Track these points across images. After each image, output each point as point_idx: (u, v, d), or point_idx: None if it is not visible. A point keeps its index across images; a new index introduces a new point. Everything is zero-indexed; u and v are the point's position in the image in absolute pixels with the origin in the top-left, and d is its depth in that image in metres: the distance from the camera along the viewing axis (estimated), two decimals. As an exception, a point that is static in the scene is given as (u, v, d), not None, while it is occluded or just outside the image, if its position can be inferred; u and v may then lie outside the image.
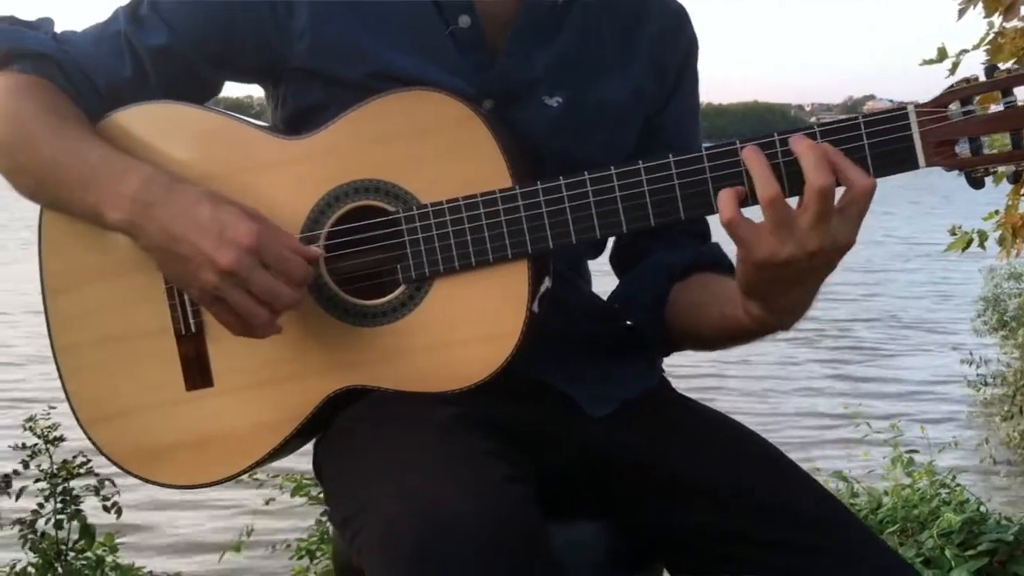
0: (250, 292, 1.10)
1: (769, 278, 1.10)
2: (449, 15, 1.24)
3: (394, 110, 1.18)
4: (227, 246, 1.09)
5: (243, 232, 1.10)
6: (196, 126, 1.23)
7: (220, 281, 1.10)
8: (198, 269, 1.10)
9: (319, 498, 3.23)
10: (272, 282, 1.11)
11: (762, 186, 1.07)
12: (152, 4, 1.24)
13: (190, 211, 1.12)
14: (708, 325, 1.26)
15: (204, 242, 1.10)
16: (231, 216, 1.11)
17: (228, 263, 1.09)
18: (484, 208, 1.17)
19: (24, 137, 1.19)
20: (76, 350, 1.25)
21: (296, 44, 1.23)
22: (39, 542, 2.77)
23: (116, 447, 1.25)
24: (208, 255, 1.09)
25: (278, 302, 1.12)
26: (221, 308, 1.13)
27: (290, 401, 1.21)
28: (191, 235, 1.10)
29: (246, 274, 1.09)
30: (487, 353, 1.16)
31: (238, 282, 1.10)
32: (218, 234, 1.10)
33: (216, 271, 1.09)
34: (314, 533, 3.29)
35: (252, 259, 1.10)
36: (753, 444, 1.28)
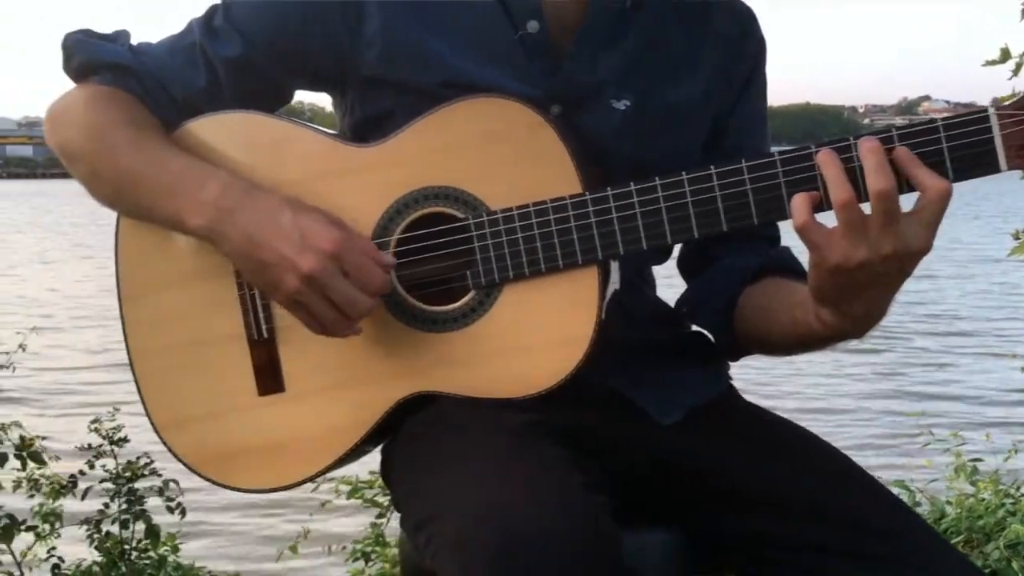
0: (329, 298, 1.12)
1: (842, 283, 1.08)
2: (518, 20, 1.24)
3: (463, 117, 1.19)
4: (309, 251, 1.11)
5: (325, 238, 1.12)
6: (268, 135, 1.25)
7: (302, 285, 1.12)
8: (281, 274, 1.12)
9: (374, 501, 3.26)
10: (351, 290, 1.13)
11: (835, 189, 1.05)
12: (226, 15, 1.27)
13: (272, 217, 1.14)
14: (779, 330, 1.24)
15: (286, 247, 1.12)
16: (313, 222, 1.13)
17: (310, 268, 1.11)
18: (554, 214, 1.17)
19: (104, 146, 1.22)
20: (151, 355, 1.27)
21: (366, 52, 1.24)
22: (104, 541, 2.82)
23: (189, 451, 1.27)
24: (291, 260, 1.11)
25: (354, 309, 1.13)
26: (301, 311, 1.15)
27: (361, 406, 1.22)
28: (273, 240, 1.12)
29: (326, 280, 1.11)
30: (557, 360, 1.16)
31: (318, 287, 1.12)
32: (300, 239, 1.12)
33: (298, 276, 1.11)
34: (369, 535, 3.32)
35: (333, 265, 1.12)
36: (823, 453, 1.27)
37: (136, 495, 2.79)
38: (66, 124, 1.26)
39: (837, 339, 1.18)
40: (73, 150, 1.25)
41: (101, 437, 2.92)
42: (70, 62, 1.28)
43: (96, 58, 1.26)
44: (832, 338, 1.18)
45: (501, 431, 1.09)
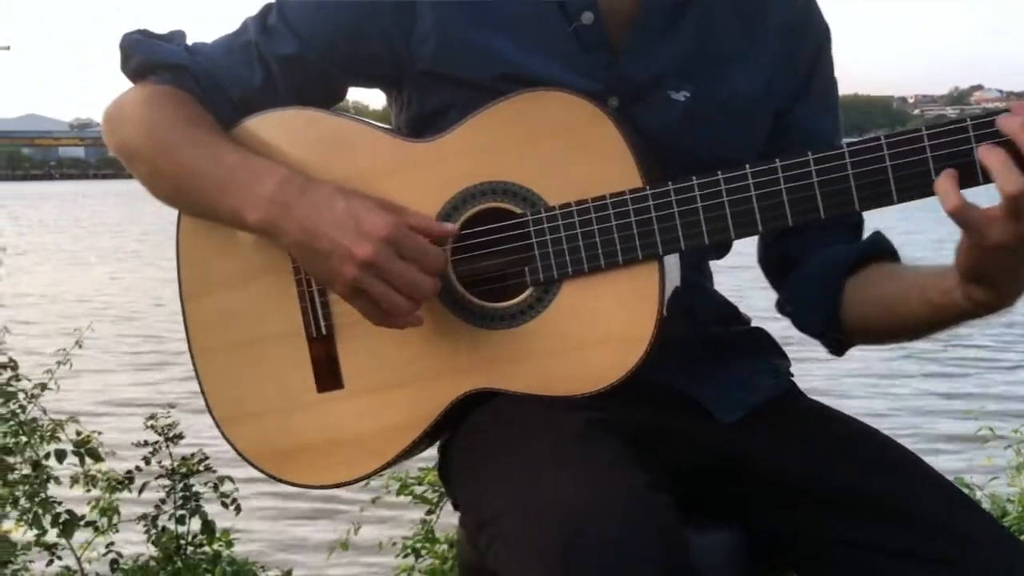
0: (389, 282, 1.12)
1: (1003, 261, 1.05)
2: (572, 12, 1.22)
3: (520, 111, 1.18)
4: (364, 238, 1.11)
5: (379, 224, 1.11)
6: (325, 131, 1.25)
7: (360, 273, 1.11)
8: (339, 263, 1.12)
9: (424, 497, 3.27)
10: (410, 271, 1.12)
11: (1005, 181, 1.01)
12: (280, 14, 1.27)
13: (326, 207, 1.13)
14: (905, 317, 1.20)
15: (342, 236, 1.11)
16: (366, 209, 1.13)
17: (366, 255, 1.11)
18: (613, 209, 1.15)
19: (162, 145, 1.23)
20: (212, 353, 1.28)
21: (421, 47, 1.23)
22: (160, 536, 2.86)
23: (250, 447, 1.28)
24: (347, 248, 1.11)
25: (417, 291, 1.13)
26: (363, 300, 1.14)
27: (419, 403, 1.22)
28: (329, 230, 1.12)
29: (384, 264, 1.11)
30: (618, 356, 1.15)
31: (377, 273, 1.11)
32: (354, 227, 1.11)
33: (356, 263, 1.11)
34: (419, 532, 3.33)
35: (389, 250, 1.11)
36: (888, 450, 1.24)
37: (191, 491, 2.83)
38: (124, 124, 1.27)
39: (985, 314, 1.14)
40: (132, 149, 1.26)
41: (157, 433, 2.97)
42: (128, 62, 1.29)
43: (153, 58, 1.27)
44: (980, 314, 1.14)
45: (564, 429, 1.08)
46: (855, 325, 1.27)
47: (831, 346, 1.33)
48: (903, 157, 1.07)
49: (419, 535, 3.33)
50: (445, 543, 3.21)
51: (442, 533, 3.23)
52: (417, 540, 3.33)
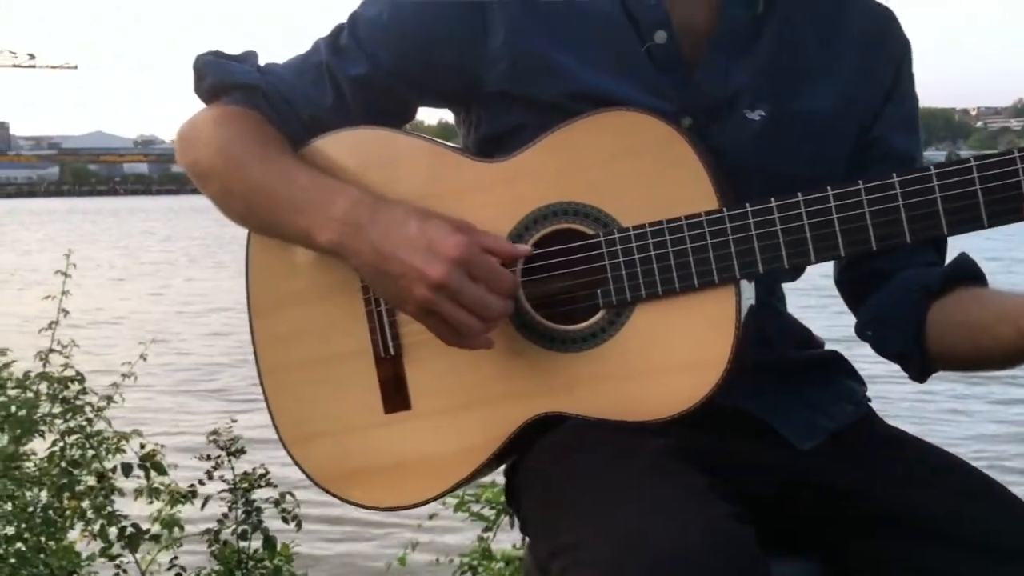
0: (461, 303, 1.11)
1: None
2: (645, 31, 1.21)
3: (593, 131, 1.17)
4: (436, 260, 1.10)
5: (451, 245, 1.11)
6: (396, 150, 1.25)
7: (432, 294, 1.11)
8: (411, 285, 1.11)
9: (481, 514, 3.25)
10: (481, 293, 1.11)
11: None
12: (352, 34, 1.27)
13: (398, 228, 1.13)
14: (992, 343, 1.15)
15: (414, 257, 1.11)
16: (438, 230, 1.12)
17: (438, 276, 1.10)
18: (689, 231, 1.13)
19: (234, 164, 1.24)
20: (280, 371, 1.28)
21: (492, 68, 1.22)
22: (223, 550, 2.88)
23: (316, 466, 1.27)
24: (419, 270, 1.11)
25: (488, 312, 1.12)
26: (435, 321, 1.14)
27: (487, 426, 1.20)
28: (401, 252, 1.12)
29: (456, 286, 1.10)
30: (692, 382, 1.12)
31: (449, 294, 1.11)
32: (426, 248, 1.11)
33: (427, 285, 1.10)
34: (476, 549, 3.32)
35: (460, 271, 1.10)
36: (974, 479, 1.19)
37: (253, 505, 2.84)
38: (197, 144, 1.28)
39: None
40: (204, 169, 1.27)
41: (219, 448, 2.99)
42: (201, 83, 1.30)
43: (226, 79, 1.28)
44: None
45: (640, 456, 1.05)
46: (938, 351, 1.23)
47: (913, 371, 1.28)
48: (995, 180, 1.03)
49: (476, 552, 3.32)
50: (501, 560, 3.19)
51: (499, 551, 3.21)
52: (474, 557, 3.32)
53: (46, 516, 2.86)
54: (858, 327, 1.31)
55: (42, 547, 2.83)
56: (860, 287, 1.31)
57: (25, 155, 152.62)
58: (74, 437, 3.00)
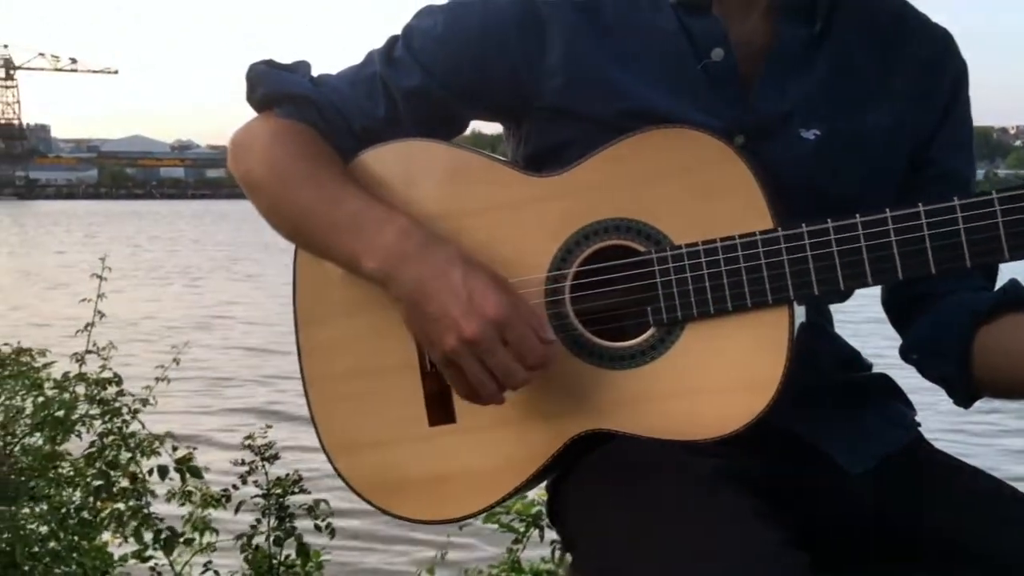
0: (485, 364, 1.10)
1: None
2: (701, 48, 1.20)
3: (647, 148, 1.16)
4: (473, 315, 1.09)
5: (491, 304, 1.10)
6: (446, 163, 1.24)
7: (460, 347, 1.10)
8: (443, 331, 1.10)
9: (510, 526, 3.24)
10: (508, 361, 1.10)
11: None
12: (407, 46, 1.27)
13: (443, 271, 1.12)
14: None
15: (453, 307, 1.10)
16: (482, 284, 1.11)
17: (472, 333, 1.09)
18: (742, 251, 1.12)
19: (284, 182, 1.23)
20: (325, 381, 1.28)
21: (547, 82, 1.22)
22: (256, 555, 2.89)
23: (359, 478, 1.27)
24: (455, 320, 1.10)
25: (510, 380, 1.11)
26: (454, 372, 1.13)
27: (532, 442, 1.20)
28: (441, 296, 1.11)
29: (486, 346, 1.09)
30: (743, 403, 1.11)
31: (476, 353, 1.10)
32: (467, 301, 1.10)
33: (459, 337, 1.09)
34: (505, 561, 3.31)
35: (495, 333, 1.09)
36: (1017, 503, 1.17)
37: (287, 512, 2.85)
38: (250, 154, 1.28)
39: None
40: (254, 182, 1.27)
41: (253, 453, 3.01)
42: (254, 93, 1.30)
43: (279, 90, 1.28)
44: None
45: (690, 477, 1.04)
46: (985, 376, 1.21)
47: (958, 396, 1.26)
48: None
49: (505, 565, 3.31)
50: (530, 573, 3.18)
51: (528, 563, 3.20)
52: (503, 570, 3.30)
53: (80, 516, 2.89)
54: (903, 349, 1.29)
55: (75, 547, 2.85)
56: (908, 309, 1.29)
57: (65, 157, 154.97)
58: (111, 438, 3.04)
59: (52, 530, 2.83)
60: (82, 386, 3.13)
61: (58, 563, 2.80)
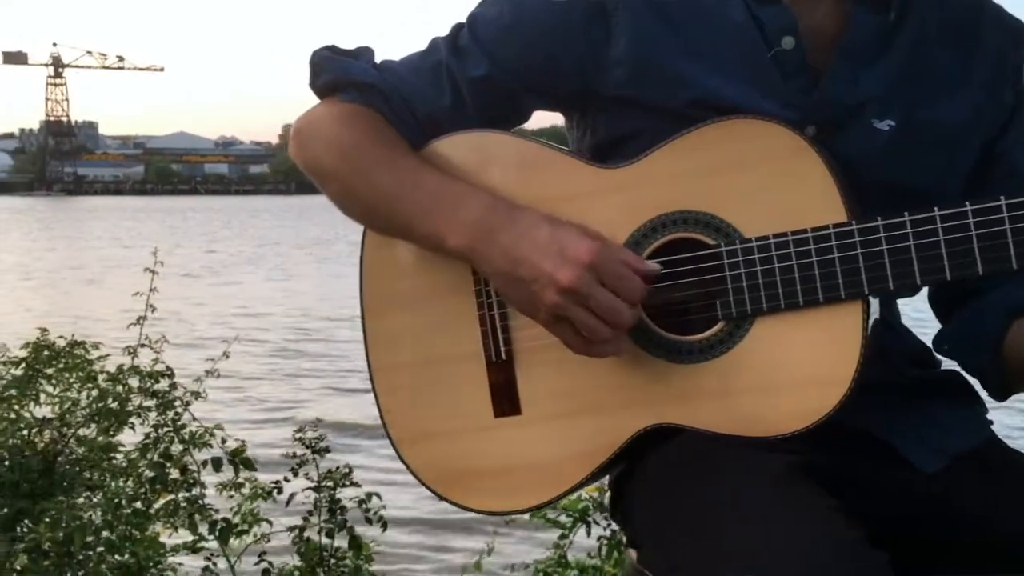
0: (591, 309, 1.09)
1: None
2: (772, 37, 1.18)
3: (717, 139, 1.15)
4: (567, 264, 1.09)
5: (583, 250, 1.09)
6: (513, 154, 1.24)
7: (562, 299, 1.09)
8: (541, 290, 1.10)
9: (556, 521, 3.24)
10: (611, 299, 1.09)
11: None
12: (472, 35, 1.26)
13: (530, 233, 1.12)
14: None
15: (545, 262, 1.10)
16: (570, 235, 1.11)
17: (568, 281, 1.08)
18: (815, 244, 1.10)
19: (357, 167, 1.23)
20: (391, 371, 1.29)
21: (613, 72, 1.21)
22: (307, 546, 2.91)
23: (424, 468, 1.27)
24: (549, 274, 1.09)
25: (617, 319, 1.10)
26: (564, 327, 1.12)
27: (599, 435, 1.19)
28: (532, 256, 1.11)
29: (586, 291, 1.09)
30: (814, 399, 1.09)
31: (579, 300, 1.09)
32: (558, 253, 1.10)
33: (558, 290, 1.09)
34: (551, 556, 3.30)
35: (591, 276, 1.09)
36: None
37: (338, 504, 2.87)
38: (316, 141, 1.27)
39: None
40: (323, 169, 1.26)
41: (304, 446, 3.03)
42: (317, 79, 1.29)
43: (343, 76, 1.27)
44: None
45: (764, 473, 1.03)
46: (1018, 369, 1.19)
47: (991, 389, 1.25)
48: None
49: (551, 560, 3.30)
50: (576, 569, 3.18)
51: (574, 559, 3.20)
52: (549, 565, 3.30)
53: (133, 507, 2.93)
54: (936, 340, 1.29)
55: (128, 537, 2.89)
56: (952, 303, 1.28)
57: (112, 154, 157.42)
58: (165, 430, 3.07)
59: (107, 520, 2.87)
60: (136, 379, 3.18)
61: (112, 552, 2.84)
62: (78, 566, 2.73)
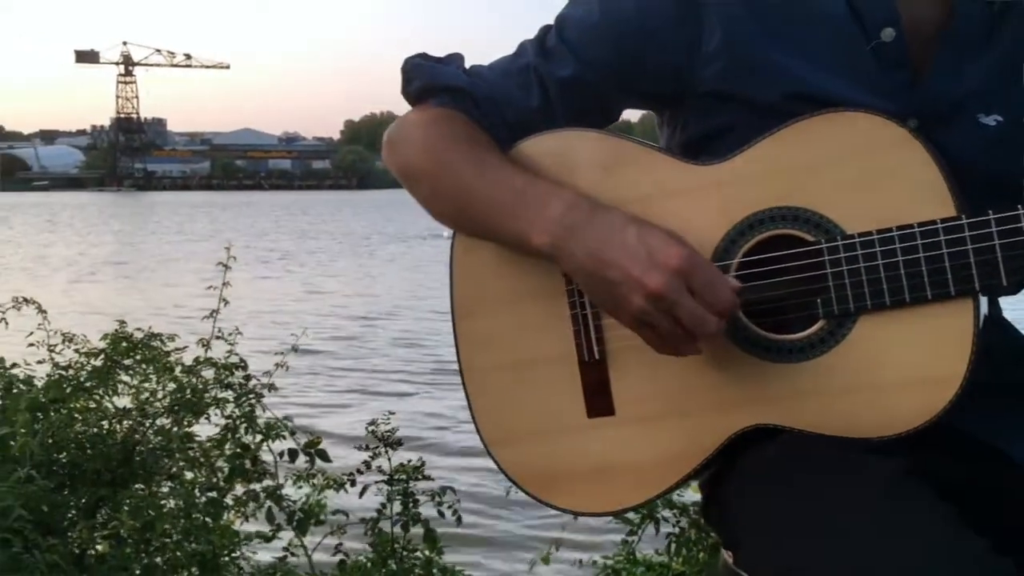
0: (676, 316, 1.08)
1: None
2: (871, 28, 1.15)
3: (815, 134, 1.12)
4: (656, 270, 1.07)
5: (672, 255, 1.08)
6: (605, 152, 1.22)
7: (648, 304, 1.08)
8: (628, 293, 1.09)
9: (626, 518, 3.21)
10: (698, 309, 1.08)
11: None
12: (560, 36, 1.25)
13: (617, 235, 1.11)
14: None
15: (633, 266, 1.08)
16: (658, 239, 1.09)
17: (657, 287, 1.07)
18: (922, 239, 1.07)
19: (445, 167, 1.23)
20: (482, 372, 1.28)
21: (706, 67, 1.19)
22: (379, 538, 2.93)
23: (517, 468, 1.27)
24: (637, 279, 1.08)
25: (702, 329, 1.08)
26: (647, 330, 1.11)
27: (695, 435, 1.17)
28: (620, 259, 1.09)
29: (673, 298, 1.07)
30: (922, 399, 1.06)
31: (665, 306, 1.08)
32: (646, 257, 1.08)
33: (645, 295, 1.08)
34: (619, 553, 3.28)
35: (680, 283, 1.07)
36: None
37: (412, 497, 2.89)
38: (407, 145, 1.28)
39: None
40: (413, 171, 1.27)
41: (377, 439, 3.05)
42: (409, 85, 1.30)
43: (434, 81, 1.28)
44: None
45: (877, 478, 1.00)
46: None
47: None
48: None
49: (620, 556, 3.29)
50: (643, 565, 3.15)
51: (642, 556, 3.17)
52: (617, 561, 3.28)
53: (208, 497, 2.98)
54: None
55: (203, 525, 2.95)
56: None
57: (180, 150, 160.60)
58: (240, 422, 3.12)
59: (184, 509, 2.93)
60: (211, 371, 3.23)
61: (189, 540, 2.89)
62: (155, 552, 2.79)
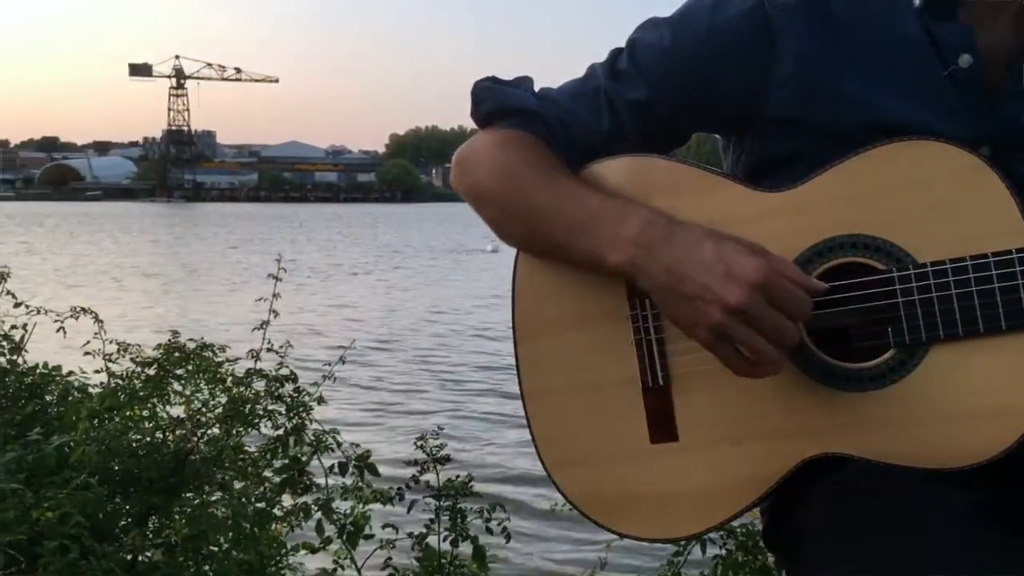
0: (757, 329, 1.06)
1: None
2: (948, 54, 1.14)
3: (887, 161, 1.11)
4: (735, 283, 1.06)
5: (751, 268, 1.06)
6: (669, 178, 1.22)
7: (728, 319, 1.06)
8: (706, 307, 1.07)
9: (674, 540, 3.19)
10: (780, 319, 1.06)
11: None
12: (631, 59, 1.25)
13: (694, 250, 1.10)
14: None
15: (711, 280, 1.07)
16: (736, 253, 1.08)
17: (737, 301, 1.05)
18: (996, 269, 1.05)
19: (516, 187, 1.23)
20: (544, 394, 1.28)
21: (777, 93, 1.18)
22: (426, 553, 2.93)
23: (577, 492, 1.26)
24: (716, 293, 1.06)
25: (785, 338, 1.06)
26: (726, 347, 1.09)
27: (760, 463, 1.16)
28: (697, 274, 1.08)
29: (755, 311, 1.05)
30: (997, 430, 1.05)
31: (746, 320, 1.06)
32: (724, 271, 1.07)
33: (724, 309, 1.06)
34: (664, 571, 3.26)
35: (760, 296, 1.06)
36: None
37: (461, 514, 2.89)
38: (477, 167, 1.29)
39: None
40: (483, 192, 1.27)
41: (425, 454, 3.06)
42: (479, 108, 1.31)
43: (504, 104, 1.29)
44: None
45: (953, 513, 0.99)
46: None
47: None
48: None
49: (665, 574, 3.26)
50: (691, 586, 3.12)
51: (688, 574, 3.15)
52: (661, 581, 3.25)
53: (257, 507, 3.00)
54: None
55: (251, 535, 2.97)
56: None
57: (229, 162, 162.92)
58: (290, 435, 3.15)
59: (233, 518, 2.95)
60: (262, 382, 3.26)
61: (238, 549, 2.92)
62: (203, 561, 2.82)
